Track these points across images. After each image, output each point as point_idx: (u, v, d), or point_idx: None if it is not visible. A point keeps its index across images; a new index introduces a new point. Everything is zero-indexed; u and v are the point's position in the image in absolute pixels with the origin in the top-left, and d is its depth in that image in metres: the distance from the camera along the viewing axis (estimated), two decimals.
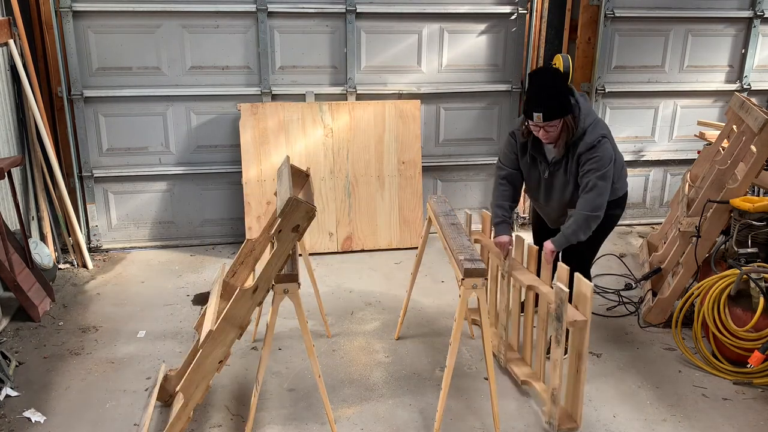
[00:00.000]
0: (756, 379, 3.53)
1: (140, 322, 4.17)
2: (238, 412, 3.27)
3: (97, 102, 5.07)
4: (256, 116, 5.09)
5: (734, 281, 3.55)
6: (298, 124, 5.17)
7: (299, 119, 5.17)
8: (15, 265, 4.07)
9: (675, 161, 5.98)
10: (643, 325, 4.18)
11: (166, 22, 5.00)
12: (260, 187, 5.13)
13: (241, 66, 5.19)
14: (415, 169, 5.40)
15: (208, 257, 5.25)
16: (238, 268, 3.48)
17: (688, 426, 3.21)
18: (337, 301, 4.48)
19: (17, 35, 4.58)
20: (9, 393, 3.36)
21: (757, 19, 5.63)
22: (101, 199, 5.30)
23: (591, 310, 2.97)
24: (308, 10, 5.12)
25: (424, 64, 5.44)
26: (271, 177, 5.12)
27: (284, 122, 5.14)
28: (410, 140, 5.35)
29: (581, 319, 2.95)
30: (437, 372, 3.63)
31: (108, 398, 3.37)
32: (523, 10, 5.40)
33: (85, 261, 4.98)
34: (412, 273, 3.84)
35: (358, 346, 3.90)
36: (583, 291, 2.98)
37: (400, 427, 3.17)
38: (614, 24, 5.49)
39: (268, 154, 5.12)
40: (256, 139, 5.10)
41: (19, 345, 3.87)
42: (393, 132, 5.32)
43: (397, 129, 5.33)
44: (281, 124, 5.13)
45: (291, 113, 5.16)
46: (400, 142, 5.33)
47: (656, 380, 3.59)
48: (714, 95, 5.87)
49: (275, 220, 3.04)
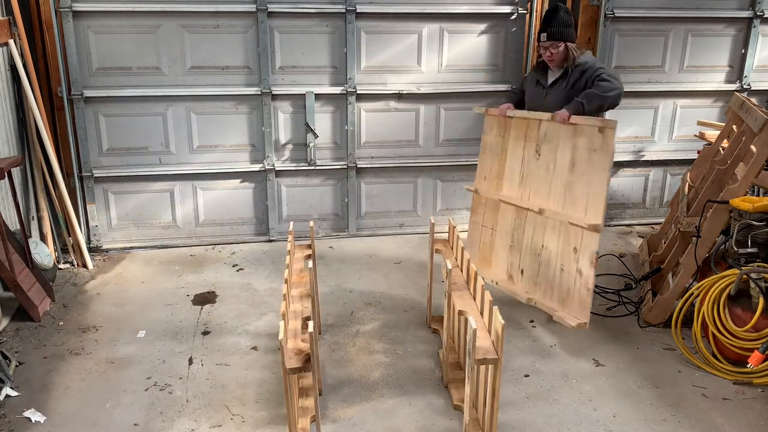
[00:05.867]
0: (756, 379, 3.53)
1: (140, 322, 4.17)
2: (238, 412, 3.27)
3: (97, 102, 5.07)
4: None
5: (734, 281, 3.55)
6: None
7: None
8: (15, 265, 4.07)
9: (675, 161, 5.98)
10: (643, 325, 4.19)
11: (166, 22, 5.00)
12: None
13: (241, 66, 5.19)
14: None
15: (208, 257, 5.25)
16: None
17: (688, 426, 3.21)
18: (337, 301, 4.48)
19: (17, 35, 4.58)
20: (9, 393, 3.36)
21: (757, 19, 5.63)
22: (101, 199, 5.30)
23: (502, 347, 2.77)
24: (308, 10, 5.12)
25: (424, 64, 5.44)
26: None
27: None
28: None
29: (492, 357, 2.76)
30: (437, 372, 3.63)
31: (108, 398, 3.37)
32: (523, 10, 5.40)
33: (85, 261, 4.98)
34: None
35: (358, 346, 3.90)
36: (496, 328, 2.80)
37: (400, 427, 3.17)
38: (614, 24, 5.48)
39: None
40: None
41: (19, 345, 3.87)
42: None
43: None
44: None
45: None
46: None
47: (656, 380, 3.59)
48: (714, 95, 5.87)
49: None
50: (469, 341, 2.77)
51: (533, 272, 4.16)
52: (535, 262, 4.14)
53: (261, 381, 3.53)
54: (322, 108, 5.38)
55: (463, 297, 3.34)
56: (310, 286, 3.33)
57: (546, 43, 4.04)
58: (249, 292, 4.62)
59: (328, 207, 5.67)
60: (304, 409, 3.15)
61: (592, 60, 4.08)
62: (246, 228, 5.59)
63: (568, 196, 3.93)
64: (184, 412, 3.27)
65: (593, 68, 4.00)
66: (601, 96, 3.90)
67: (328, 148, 5.50)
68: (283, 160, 5.47)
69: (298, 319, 3.04)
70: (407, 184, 5.73)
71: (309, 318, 3.04)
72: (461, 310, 3.19)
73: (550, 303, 3.98)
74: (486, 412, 2.93)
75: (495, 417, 2.88)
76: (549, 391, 3.47)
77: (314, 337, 2.79)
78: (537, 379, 3.57)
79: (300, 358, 2.74)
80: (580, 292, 3.81)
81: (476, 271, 3.28)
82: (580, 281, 3.81)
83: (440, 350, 3.79)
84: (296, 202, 5.60)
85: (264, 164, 5.40)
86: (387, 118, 5.52)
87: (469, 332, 2.76)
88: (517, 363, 3.72)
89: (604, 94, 3.90)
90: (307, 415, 3.10)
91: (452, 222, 3.97)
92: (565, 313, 3.85)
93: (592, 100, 3.90)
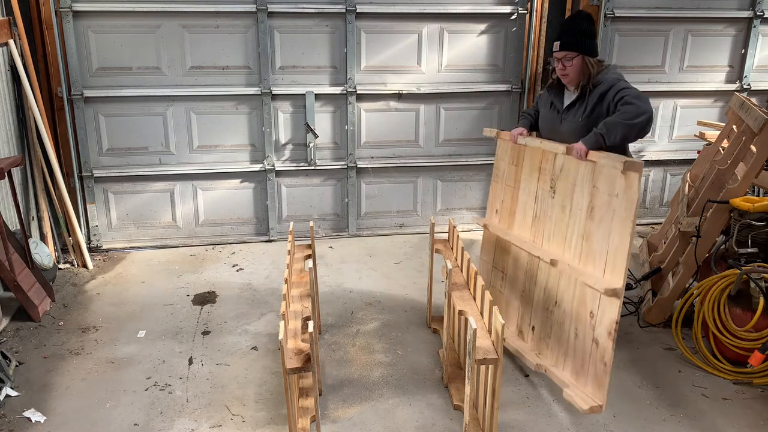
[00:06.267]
0: (756, 379, 3.53)
1: (140, 322, 4.17)
2: (238, 412, 3.27)
3: (97, 102, 5.08)
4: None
5: (734, 281, 3.55)
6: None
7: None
8: (15, 265, 4.07)
9: (675, 161, 5.98)
10: (643, 325, 4.19)
11: (166, 22, 5.00)
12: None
13: (241, 66, 5.20)
14: None
15: (208, 257, 5.25)
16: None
17: (688, 426, 3.21)
18: (337, 301, 4.48)
19: (17, 35, 4.58)
20: (9, 393, 3.36)
21: (757, 19, 5.63)
22: (101, 199, 5.30)
23: (502, 348, 2.75)
24: (308, 10, 5.12)
25: (424, 64, 5.44)
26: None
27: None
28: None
29: (492, 357, 2.74)
30: (437, 371, 3.63)
31: (108, 398, 3.37)
32: (523, 10, 5.40)
33: (85, 261, 4.98)
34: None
35: (358, 346, 3.90)
36: (495, 328, 2.77)
37: (400, 427, 3.17)
38: (614, 24, 5.49)
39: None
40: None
41: (19, 345, 3.87)
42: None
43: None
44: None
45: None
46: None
47: (656, 380, 3.59)
48: (714, 95, 5.88)
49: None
50: (469, 341, 2.77)
51: (545, 332, 3.52)
52: (548, 320, 3.50)
53: (261, 381, 3.53)
54: (322, 108, 5.38)
55: (463, 297, 3.34)
56: (310, 286, 3.33)
57: (559, 54, 3.34)
58: (249, 292, 4.62)
59: (328, 207, 5.67)
60: (304, 409, 3.15)
61: (613, 77, 3.30)
62: (246, 228, 5.59)
63: (585, 247, 3.23)
64: (184, 412, 3.27)
65: (615, 89, 3.23)
66: (626, 124, 3.11)
67: (328, 148, 5.50)
68: (283, 160, 5.47)
69: (298, 319, 3.04)
70: (407, 184, 5.73)
71: (309, 318, 3.04)
72: (461, 310, 3.19)
73: (561, 374, 3.34)
74: (486, 412, 2.93)
75: (495, 417, 2.87)
76: (549, 391, 3.47)
77: (314, 337, 2.79)
78: (537, 379, 3.57)
79: (300, 358, 2.74)
80: (596, 366, 3.10)
81: (476, 271, 3.28)
82: (596, 353, 3.11)
83: (440, 350, 3.79)
84: (296, 202, 5.60)
85: (264, 164, 5.40)
86: (387, 118, 5.52)
87: (469, 332, 2.76)
88: (517, 363, 3.72)
89: (629, 121, 3.10)
90: (307, 415, 3.10)
91: (452, 222, 3.97)
92: (578, 391, 3.18)
93: (613, 131, 3.13)
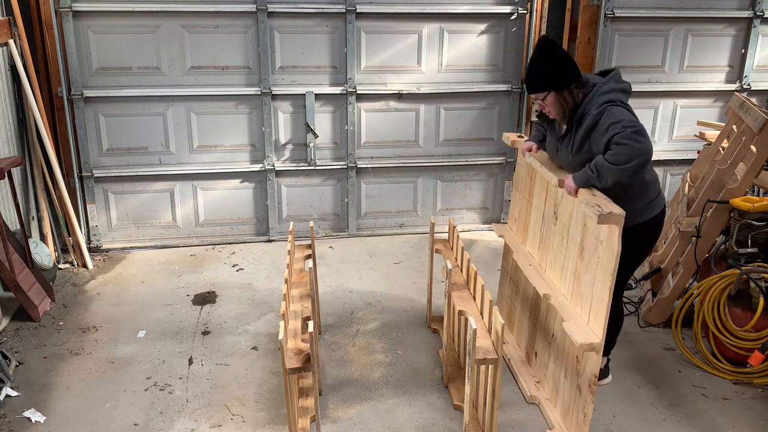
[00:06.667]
0: (756, 379, 3.53)
1: (140, 322, 4.17)
2: (238, 412, 3.27)
3: (97, 102, 5.07)
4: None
5: (734, 281, 3.55)
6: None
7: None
8: (15, 265, 4.07)
9: (675, 161, 5.98)
10: (643, 325, 4.19)
11: (166, 22, 5.00)
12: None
13: (241, 66, 5.19)
14: None
15: (208, 257, 5.25)
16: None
17: (688, 426, 3.21)
18: (337, 301, 4.48)
19: (17, 35, 4.58)
20: (9, 393, 3.36)
21: (757, 19, 5.63)
22: (101, 199, 5.30)
23: (502, 348, 2.75)
24: (308, 10, 5.12)
25: (424, 64, 5.44)
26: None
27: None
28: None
29: (492, 357, 2.75)
30: (437, 371, 3.63)
31: (108, 398, 3.37)
32: (523, 10, 5.40)
33: (85, 261, 4.98)
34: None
35: (358, 346, 3.90)
36: (495, 328, 2.78)
37: (400, 426, 3.17)
38: (614, 24, 5.48)
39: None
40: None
41: (19, 345, 3.87)
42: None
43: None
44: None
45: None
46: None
47: (656, 380, 3.59)
48: (714, 95, 5.87)
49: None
50: (469, 341, 2.77)
51: (543, 361, 3.44)
52: (546, 350, 3.40)
53: (261, 381, 3.53)
54: (322, 108, 5.38)
55: (463, 297, 3.34)
56: (310, 286, 3.33)
57: (532, 96, 3.14)
58: (249, 292, 4.62)
59: (328, 207, 5.67)
60: (304, 409, 3.15)
61: (599, 108, 2.92)
62: (246, 228, 5.59)
63: (576, 287, 3.05)
64: (184, 412, 3.27)
65: (604, 124, 2.88)
66: (618, 170, 2.81)
67: (328, 148, 5.50)
68: (283, 160, 5.47)
69: (298, 319, 3.05)
70: (407, 184, 5.73)
71: (309, 318, 3.04)
72: (461, 310, 3.19)
73: (552, 413, 3.25)
74: (486, 412, 2.93)
75: (495, 417, 2.88)
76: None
77: (314, 337, 2.79)
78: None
79: (300, 358, 2.74)
80: (578, 414, 3.00)
81: (476, 271, 3.28)
82: (579, 400, 3.00)
83: (440, 350, 3.79)
84: (296, 202, 5.60)
85: (264, 164, 5.40)
86: (387, 118, 5.52)
87: (469, 332, 2.76)
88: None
89: (622, 166, 2.79)
90: (307, 415, 3.10)
91: (452, 222, 3.97)
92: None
93: (604, 175, 2.85)
